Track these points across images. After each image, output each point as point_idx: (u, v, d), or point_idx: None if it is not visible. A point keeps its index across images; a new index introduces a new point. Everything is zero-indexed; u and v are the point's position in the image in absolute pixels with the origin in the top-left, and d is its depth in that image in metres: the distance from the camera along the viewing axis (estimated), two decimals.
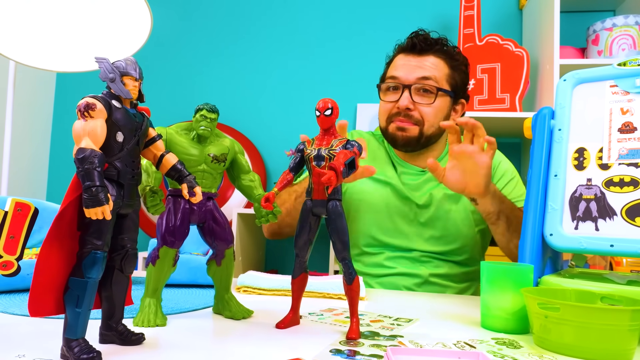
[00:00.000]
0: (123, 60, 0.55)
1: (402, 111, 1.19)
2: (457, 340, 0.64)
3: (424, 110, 1.20)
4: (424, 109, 1.20)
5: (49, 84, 2.61)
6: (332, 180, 0.58)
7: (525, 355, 0.59)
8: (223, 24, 2.55)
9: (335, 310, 0.82)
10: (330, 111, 0.65)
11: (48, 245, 0.49)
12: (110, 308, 0.56)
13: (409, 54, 1.23)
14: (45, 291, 0.50)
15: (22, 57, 1.50)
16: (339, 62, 2.42)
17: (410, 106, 1.19)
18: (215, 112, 0.71)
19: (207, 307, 0.80)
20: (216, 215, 0.72)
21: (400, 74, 1.21)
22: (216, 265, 0.74)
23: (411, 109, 1.19)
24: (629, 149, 0.79)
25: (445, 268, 1.23)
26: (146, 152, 0.59)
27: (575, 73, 0.88)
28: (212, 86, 2.52)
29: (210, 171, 0.72)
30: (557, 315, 0.60)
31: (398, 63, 1.24)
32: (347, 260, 0.65)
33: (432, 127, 1.22)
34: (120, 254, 0.55)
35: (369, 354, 0.56)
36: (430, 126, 1.21)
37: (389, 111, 1.23)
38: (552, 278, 0.77)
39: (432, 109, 1.20)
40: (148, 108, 0.59)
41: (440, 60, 1.22)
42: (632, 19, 1.85)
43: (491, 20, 2.27)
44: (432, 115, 1.20)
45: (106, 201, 0.48)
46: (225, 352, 0.58)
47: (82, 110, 0.50)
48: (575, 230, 0.78)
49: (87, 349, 0.49)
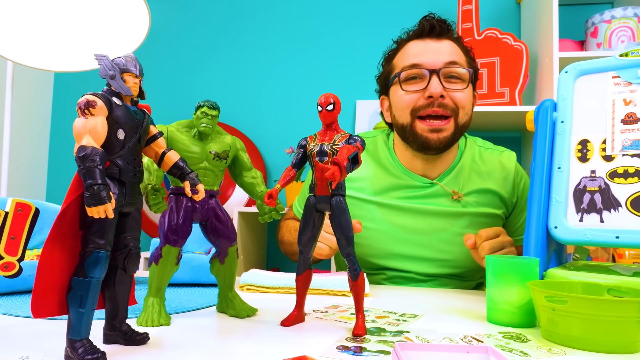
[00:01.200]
0: (123, 57, 0.54)
1: (436, 100, 1.05)
2: (464, 335, 0.63)
3: (458, 97, 1.07)
4: (458, 95, 1.07)
5: (47, 84, 2.60)
6: (336, 175, 0.57)
7: (534, 348, 0.58)
8: (222, 21, 2.54)
9: (339, 307, 0.81)
10: (333, 106, 0.65)
11: (50, 245, 0.49)
12: (114, 308, 0.55)
13: (426, 38, 1.10)
14: (48, 292, 0.49)
15: (20, 57, 1.49)
16: (337, 59, 2.41)
17: (443, 93, 1.05)
18: (216, 109, 0.70)
19: (211, 306, 0.79)
20: (219, 213, 0.71)
21: (424, 60, 1.07)
22: (219, 264, 0.73)
23: (444, 97, 1.05)
24: (632, 139, 0.79)
25: (450, 286, 1.14)
26: (147, 149, 0.58)
27: (577, 65, 0.88)
28: (210, 84, 2.51)
29: (212, 169, 0.71)
30: (565, 307, 0.59)
31: (415, 50, 1.10)
32: (352, 256, 0.64)
33: (466, 115, 1.09)
34: (123, 253, 0.54)
35: (376, 350, 0.56)
36: (465, 114, 1.09)
37: (414, 102, 1.07)
38: (558, 271, 0.76)
39: (465, 95, 1.08)
40: (149, 105, 0.59)
41: (456, 46, 1.11)
42: (630, 10, 1.84)
43: (489, 14, 2.26)
44: (467, 102, 1.08)
45: (108, 199, 0.47)
46: (230, 350, 0.57)
47: (83, 108, 0.49)
48: (580, 223, 0.78)
49: (91, 350, 0.48)
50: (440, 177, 1.15)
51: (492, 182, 1.14)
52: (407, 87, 1.09)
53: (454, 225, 1.11)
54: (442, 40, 1.10)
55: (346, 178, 0.62)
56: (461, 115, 1.08)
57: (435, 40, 1.10)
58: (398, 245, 1.13)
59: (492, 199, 1.14)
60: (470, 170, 1.15)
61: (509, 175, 1.16)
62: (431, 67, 1.06)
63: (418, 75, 1.08)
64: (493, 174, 1.15)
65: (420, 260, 1.13)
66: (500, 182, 1.15)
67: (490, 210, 1.13)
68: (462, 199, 1.12)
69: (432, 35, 1.11)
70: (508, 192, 1.15)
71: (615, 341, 0.58)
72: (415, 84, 1.08)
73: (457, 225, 1.10)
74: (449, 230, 1.11)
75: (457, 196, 1.12)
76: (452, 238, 1.11)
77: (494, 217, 1.14)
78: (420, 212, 1.12)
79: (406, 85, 1.09)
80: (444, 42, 1.11)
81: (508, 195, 1.16)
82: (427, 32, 1.11)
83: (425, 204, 1.13)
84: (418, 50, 1.10)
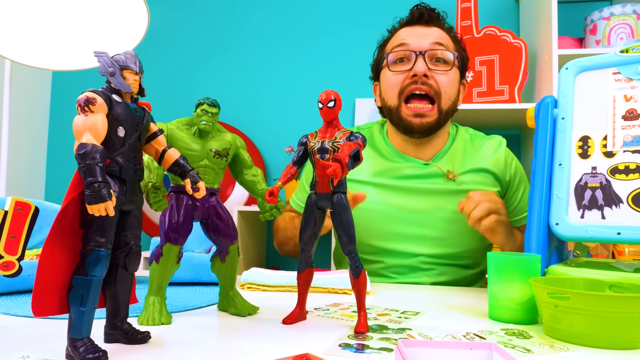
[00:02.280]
0: (122, 53, 0.54)
1: (419, 78, 1.09)
2: (466, 332, 0.63)
3: (441, 80, 1.11)
4: (441, 78, 1.11)
5: (45, 82, 2.59)
6: (337, 172, 0.57)
7: (536, 345, 0.58)
8: (221, 20, 2.53)
9: (341, 304, 0.81)
10: (333, 103, 0.64)
11: (50, 243, 0.48)
12: (115, 306, 0.55)
13: (415, 25, 1.16)
14: (49, 290, 0.49)
15: (18, 56, 1.49)
16: (337, 57, 2.40)
17: (427, 73, 1.10)
18: (216, 107, 0.70)
19: (212, 305, 0.79)
20: (219, 211, 0.71)
21: (411, 40, 1.12)
22: (220, 262, 0.73)
23: (428, 77, 1.10)
24: (633, 136, 0.78)
25: (448, 275, 1.15)
26: (148, 147, 0.58)
27: (577, 61, 0.87)
28: (210, 83, 2.51)
29: (213, 166, 0.71)
30: (567, 304, 0.59)
31: (404, 34, 1.16)
32: (354, 253, 0.64)
33: (449, 100, 1.13)
34: (124, 252, 0.54)
35: (378, 348, 0.56)
36: (448, 99, 1.13)
37: (400, 83, 1.12)
38: (559, 267, 0.76)
39: (449, 78, 1.12)
40: (149, 103, 0.58)
41: (445, 34, 1.16)
42: (629, 7, 1.84)
43: (488, 11, 2.25)
44: (450, 86, 1.12)
45: (109, 197, 0.47)
46: (232, 349, 0.57)
47: (83, 105, 0.49)
48: (582, 219, 0.78)
49: (92, 349, 0.48)
50: (434, 159, 1.19)
51: (485, 162, 1.19)
52: (394, 67, 1.15)
53: (450, 203, 1.13)
54: (430, 27, 1.16)
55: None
56: (444, 100, 1.12)
57: (424, 26, 1.16)
58: (396, 225, 1.15)
59: (486, 177, 1.18)
60: (463, 153, 1.20)
61: (500, 156, 1.20)
62: (417, 49, 1.12)
63: (405, 57, 1.13)
64: (485, 154, 1.20)
65: (418, 239, 1.14)
66: (492, 162, 1.19)
67: (486, 188, 1.16)
68: (457, 178, 1.16)
69: (421, 22, 1.16)
70: (501, 170, 1.19)
71: (618, 337, 0.57)
72: (402, 65, 1.14)
73: (453, 203, 1.12)
74: (446, 209, 1.14)
75: (452, 175, 1.15)
76: (449, 215, 1.13)
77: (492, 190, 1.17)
78: (416, 192, 1.16)
79: (393, 67, 1.15)
80: (433, 28, 1.16)
81: (501, 173, 1.19)
82: (417, 19, 1.17)
83: (421, 183, 1.16)
84: (406, 34, 1.16)
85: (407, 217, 1.15)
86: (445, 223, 1.14)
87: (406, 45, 1.13)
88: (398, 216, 1.15)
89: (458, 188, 1.15)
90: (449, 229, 1.14)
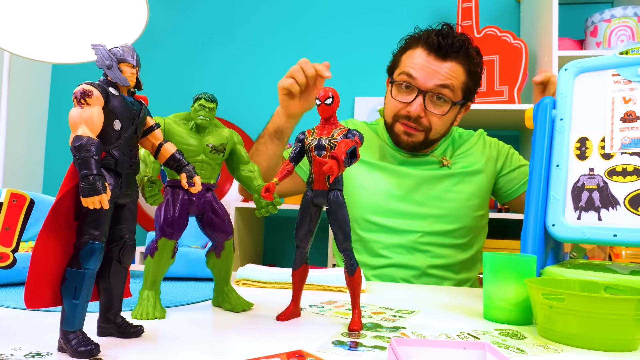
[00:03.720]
0: (120, 47, 0.54)
1: (412, 118, 1.18)
2: (460, 332, 0.63)
3: (434, 120, 1.19)
4: (434, 119, 1.19)
5: (45, 75, 2.59)
6: (333, 169, 0.57)
7: (530, 345, 0.58)
8: (221, 17, 2.52)
9: (335, 302, 0.81)
10: (331, 100, 0.64)
11: (44, 235, 0.48)
12: (109, 300, 0.55)
13: (430, 54, 1.16)
14: (42, 282, 0.48)
15: (17, 48, 1.48)
16: (336, 56, 2.40)
17: (421, 114, 1.17)
18: (213, 102, 0.69)
19: (207, 300, 0.79)
20: (215, 207, 0.71)
21: (418, 75, 1.16)
22: (215, 257, 0.72)
23: (422, 117, 1.18)
24: (631, 138, 0.78)
25: (443, 257, 1.20)
26: (144, 141, 0.58)
27: (576, 62, 0.87)
28: (209, 79, 2.50)
29: (209, 162, 0.70)
30: (562, 305, 0.59)
31: (416, 60, 1.17)
32: (349, 251, 0.64)
33: (438, 134, 1.22)
34: (118, 245, 0.54)
35: (371, 346, 0.55)
36: (437, 133, 1.22)
37: (397, 110, 1.21)
38: (555, 269, 0.76)
39: (442, 119, 1.20)
40: (146, 96, 0.58)
41: (459, 67, 1.17)
42: (630, 10, 1.84)
43: (489, 12, 2.25)
44: (441, 125, 1.21)
45: (104, 190, 0.47)
46: (225, 344, 0.57)
47: (79, 98, 0.48)
48: (578, 221, 0.78)
49: (85, 341, 0.48)
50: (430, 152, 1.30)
51: (474, 148, 1.31)
52: (396, 94, 1.21)
53: (445, 184, 1.25)
54: (444, 62, 1.16)
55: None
56: (432, 134, 1.22)
57: (439, 60, 1.16)
58: (395, 202, 1.24)
59: (477, 159, 1.29)
60: (454, 146, 1.32)
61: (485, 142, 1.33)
62: (421, 87, 1.16)
63: (410, 86, 1.18)
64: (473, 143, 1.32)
65: (416, 216, 1.23)
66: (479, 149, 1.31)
67: (477, 167, 1.27)
68: (450, 164, 1.27)
69: (438, 54, 1.16)
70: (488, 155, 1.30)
71: (612, 339, 0.57)
72: (403, 94, 1.20)
73: (448, 183, 1.24)
74: (442, 188, 1.24)
75: (447, 162, 1.27)
76: (444, 194, 1.24)
77: (482, 173, 1.27)
78: (414, 175, 1.25)
79: (396, 93, 1.21)
80: (447, 63, 1.16)
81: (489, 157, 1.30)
82: (434, 49, 1.16)
83: (418, 169, 1.26)
84: (417, 63, 1.17)
85: (404, 195, 1.24)
86: (441, 202, 1.23)
87: (413, 79, 1.17)
88: (396, 194, 1.24)
89: (452, 172, 1.25)
90: (444, 207, 1.23)
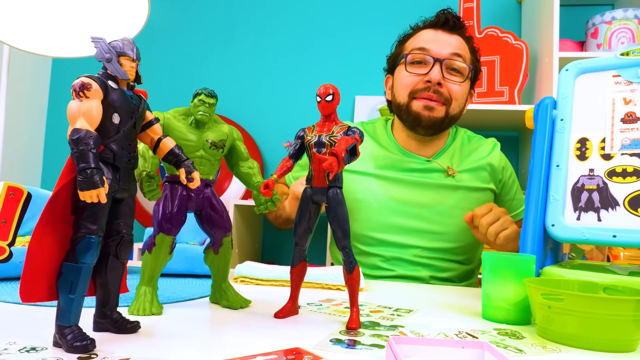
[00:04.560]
0: (120, 40, 0.53)
1: (433, 86, 1.13)
2: (458, 331, 0.63)
3: (453, 88, 1.15)
4: (454, 87, 1.15)
5: (45, 69, 2.57)
6: (333, 166, 0.57)
7: (529, 345, 0.58)
8: (222, 15, 2.52)
9: (334, 300, 0.81)
10: (332, 97, 0.64)
11: (41, 229, 0.48)
12: (105, 295, 0.54)
13: (438, 30, 1.17)
14: (38, 276, 0.48)
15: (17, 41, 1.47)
16: (336, 54, 2.40)
17: (441, 81, 1.13)
18: (213, 97, 0.69)
19: (204, 297, 0.78)
20: (214, 203, 0.70)
21: (432, 47, 1.15)
22: (213, 254, 0.72)
23: (442, 85, 1.13)
24: (631, 139, 0.78)
25: (446, 271, 1.17)
26: (143, 135, 0.57)
27: (577, 63, 0.87)
28: (209, 77, 2.49)
29: (209, 157, 0.70)
30: (561, 305, 0.59)
31: (426, 36, 1.17)
32: (348, 249, 0.64)
33: (458, 107, 1.17)
34: (115, 240, 0.54)
35: (369, 344, 0.55)
36: (457, 106, 1.17)
37: (414, 85, 1.15)
38: (554, 269, 0.76)
39: (461, 88, 1.16)
40: (145, 91, 0.58)
41: (464, 43, 1.19)
42: (631, 12, 1.84)
43: (490, 12, 2.25)
44: (461, 94, 1.16)
45: (101, 184, 0.46)
46: (222, 341, 0.57)
47: (77, 90, 0.48)
48: (578, 221, 0.77)
49: (80, 336, 0.47)
50: (435, 156, 1.23)
51: (481, 161, 1.24)
52: (411, 69, 1.17)
53: (449, 199, 1.18)
54: (452, 35, 1.18)
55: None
56: (453, 106, 1.16)
57: (447, 32, 1.18)
58: (395, 217, 1.18)
59: (482, 176, 1.23)
60: (462, 151, 1.25)
61: (495, 157, 1.25)
62: (436, 56, 1.14)
63: (423, 60, 1.16)
64: (481, 154, 1.25)
65: (417, 232, 1.18)
66: (488, 162, 1.24)
67: (482, 184, 1.21)
68: (456, 174, 1.20)
69: (445, 27, 1.18)
70: (495, 170, 1.24)
71: (611, 339, 0.57)
72: (419, 68, 1.16)
73: (452, 198, 1.18)
74: (445, 203, 1.18)
75: (452, 172, 1.20)
76: (448, 210, 1.18)
77: (486, 190, 1.22)
78: (417, 186, 1.19)
79: (411, 68, 1.17)
80: (454, 36, 1.18)
81: (495, 173, 1.24)
82: (441, 24, 1.18)
83: (421, 177, 1.20)
84: (428, 38, 1.17)
85: (406, 211, 1.18)
86: (443, 217, 1.17)
87: (426, 50, 1.15)
88: (398, 209, 1.18)
89: (456, 184, 1.19)
90: (446, 224, 1.17)
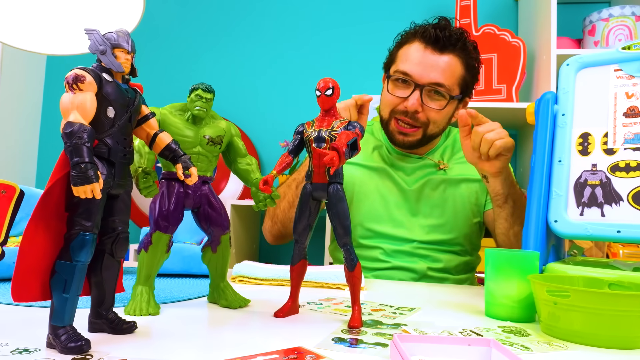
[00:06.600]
0: (114, 31, 0.52)
1: (409, 113, 1.13)
2: (462, 329, 0.62)
3: (431, 114, 1.14)
4: (432, 113, 1.14)
5: (39, 67, 2.55)
6: (334, 160, 0.55)
7: (535, 342, 0.57)
8: (219, 12, 2.50)
9: (334, 299, 0.80)
10: (332, 91, 0.62)
11: (33, 226, 0.46)
12: (100, 294, 0.53)
13: (427, 48, 1.13)
14: (30, 275, 0.46)
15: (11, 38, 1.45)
16: (335, 54, 2.38)
17: (418, 109, 1.13)
18: (211, 92, 0.68)
19: (202, 297, 0.77)
20: (212, 200, 0.69)
21: (415, 71, 1.12)
22: (211, 252, 0.71)
23: (419, 112, 1.13)
24: (634, 133, 0.77)
25: (442, 262, 1.18)
26: (138, 130, 0.56)
27: (578, 57, 0.86)
28: (206, 75, 2.47)
29: (206, 154, 0.68)
30: (567, 301, 0.58)
31: (413, 55, 1.14)
32: (349, 245, 0.62)
33: (437, 127, 1.18)
34: (111, 237, 0.52)
35: (372, 342, 0.54)
36: (436, 127, 1.17)
37: (394, 105, 1.16)
38: (557, 265, 0.75)
39: (440, 113, 1.15)
40: (141, 84, 0.56)
41: (457, 60, 1.14)
42: (628, 9, 1.83)
43: (487, 10, 2.24)
44: (440, 119, 1.16)
45: (96, 179, 0.45)
46: (221, 341, 0.55)
47: (71, 83, 0.47)
48: (581, 217, 0.76)
49: (74, 337, 0.46)
50: (427, 153, 1.26)
51: None
52: (392, 89, 1.17)
53: (442, 190, 1.21)
54: (442, 54, 1.13)
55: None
56: (430, 128, 1.17)
57: (436, 53, 1.13)
58: (393, 209, 1.21)
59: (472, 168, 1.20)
60: (453, 148, 1.28)
61: None
62: (418, 82, 1.12)
63: (406, 81, 1.14)
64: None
65: (412, 225, 1.20)
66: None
67: (472, 175, 1.21)
68: (447, 167, 1.23)
69: (435, 47, 1.13)
70: None
71: (619, 336, 0.56)
72: (400, 89, 1.16)
73: (444, 190, 1.21)
74: (438, 195, 1.21)
75: (443, 166, 1.23)
76: (441, 202, 1.20)
77: (477, 182, 1.21)
78: (410, 180, 1.22)
79: (392, 88, 1.17)
80: (444, 56, 1.13)
81: None
82: (431, 42, 1.13)
83: (415, 173, 1.23)
84: (414, 58, 1.14)
85: (403, 205, 1.21)
86: (437, 209, 1.20)
87: (409, 75, 1.13)
88: (395, 202, 1.21)
89: (447, 177, 1.21)
90: (440, 215, 1.19)
